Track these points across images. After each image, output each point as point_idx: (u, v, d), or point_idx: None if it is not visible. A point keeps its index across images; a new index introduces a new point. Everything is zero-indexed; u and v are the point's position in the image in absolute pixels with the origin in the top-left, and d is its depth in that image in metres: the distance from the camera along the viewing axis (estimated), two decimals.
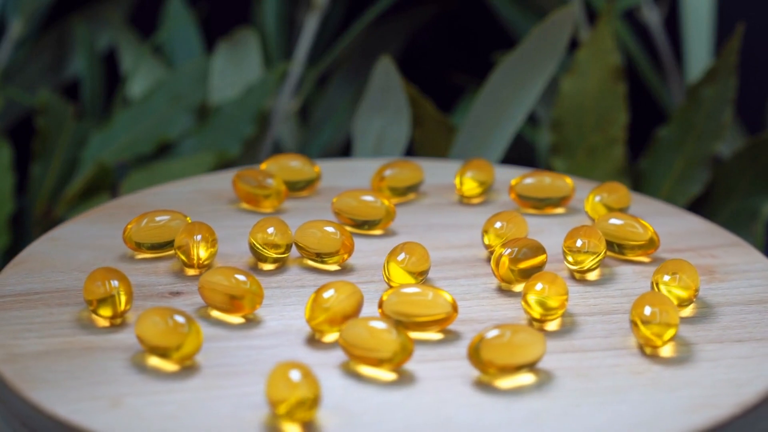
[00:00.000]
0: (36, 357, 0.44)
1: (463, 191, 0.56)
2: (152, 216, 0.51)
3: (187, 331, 0.43)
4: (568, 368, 0.43)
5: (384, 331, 0.43)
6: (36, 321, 0.46)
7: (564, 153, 0.72)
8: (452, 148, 0.70)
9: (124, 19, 0.83)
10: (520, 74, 0.69)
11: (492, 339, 0.42)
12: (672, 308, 0.44)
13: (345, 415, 0.41)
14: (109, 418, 0.41)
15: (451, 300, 0.45)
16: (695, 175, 0.71)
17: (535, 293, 0.46)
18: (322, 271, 0.50)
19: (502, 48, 0.80)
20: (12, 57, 0.80)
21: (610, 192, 0.54)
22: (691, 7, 0.77)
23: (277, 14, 0.80)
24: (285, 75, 0.78)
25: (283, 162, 0.56)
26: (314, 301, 0.45)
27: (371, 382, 0.42)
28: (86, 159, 0.74)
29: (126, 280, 0.46)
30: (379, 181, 0.56)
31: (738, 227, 0.71)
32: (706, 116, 0.71)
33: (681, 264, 0.47)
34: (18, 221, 0.76)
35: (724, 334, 0.45)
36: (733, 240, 0.52)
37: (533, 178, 0.55)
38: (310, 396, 0.40)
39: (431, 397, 0.42)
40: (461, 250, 0.51)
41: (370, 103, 0.72)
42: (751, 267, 0.50)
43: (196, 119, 0.76)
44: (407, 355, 0.43)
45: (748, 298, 0.48)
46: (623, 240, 0.51)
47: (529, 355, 0.43)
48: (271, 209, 0.55)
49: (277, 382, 0.40)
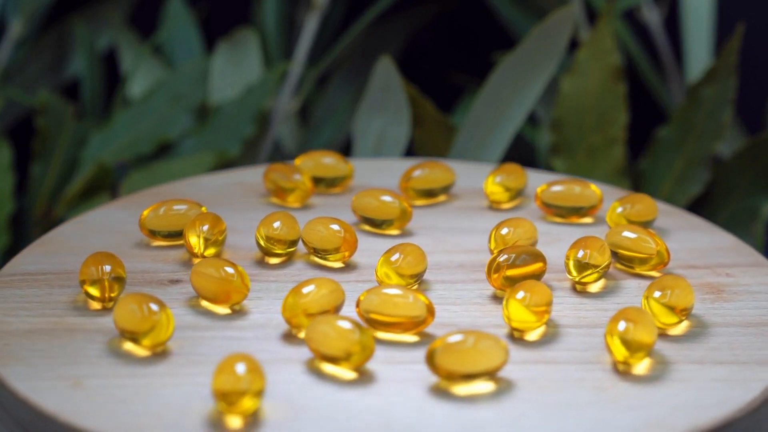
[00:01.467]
0: (21, 335, 0.45)
1: (489, 196, 0.56)
2: (170, 204, 0.52)
3: (158, 318, 0.44)
4: (531, 379, 0.43)
5: (348, 330, 0.43)
6: (34, 300, 0.48)
7: (564, 153, 0.72)
8: (452, 148, 0.70)
9: (124, 19, 0.83)
10: (520, 74, 0.69)
11: (450, 345, 0.42)
12: (649, 326, 0.43)
13: (289, 411, 0.41)
14: (63, 399, 0.42)
15: (428, 303, 0.45)
16: (695, 175, 0.71)
17: (515, 301, 0.45)
18: (326, 267, 0.51)
19: (502, 48, 0.80)
20: (12, 57, 0.80)
21: (633, 203, 0.53)
22: (691, 7, 0.77)
23: (277, 14, 0.80)
24: (285, 75, 0.78)
25: (316, 158, 0.57)
26: (292, 296, 0.45)
27: (330, 380, 0.43)
28: (86, 159, 0.74)
29: (119, 267, 0.47)
30: (405, 181, 0.56)
31: (738, 227, 0.71)
32: (706, 116, 0.71)
33: (676, 281, 0.46)
34: (18, 221, 0.76)
35: (707, 355, 0.44)
36: (757, 260, 0.51)
37: (562, 186, 0.54)
38: (253, 389, 0.40)
39: (382, 399, 0.42)
40: (470, 255, 0.51)
41: (370, 103, 0.72)
42: (764, 288, 0.49)
43: (196, 119, 0.76)
44: (367, 356, 0.43)
45: (748, 320, 0.47)
46: (632, 253, 0.50)
47: (486, 364, 0.42)
48: (297, 204, 0.56)
49: (222, 373, 0.41)
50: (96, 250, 0.50)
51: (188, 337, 0.45)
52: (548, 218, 0.55)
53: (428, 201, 0.56)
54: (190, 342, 0.45)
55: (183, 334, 0.45)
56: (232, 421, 0.41)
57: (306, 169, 0.56)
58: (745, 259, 0.51)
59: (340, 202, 0.56)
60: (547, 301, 0.45)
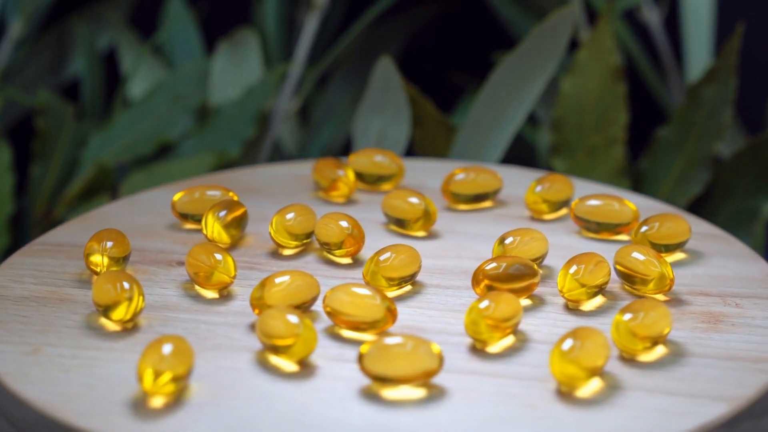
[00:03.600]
0: (14, 299, 0.48)
1: (529, 206, 0.55)
2: (203, 190, 0.53)
3: (128, 296, 0.45)
4: (463, 390, 0.43)
5: (292, 323, 0.43)
6: (45, 269, 0.50)
7: (564, 153, 0.72)
8: (452, 148, 0.70)
9: (124, 19, 0.83)
10: (520, 74, 0.69)
11: (380, 348, 0.42)
12: (597, 348, 0.42)
13: (213, 395, 0.42)
14: (15, 362, 0.44)
15: (389, 306, 0.45)
16: (695, 175, 0.71)
17: (475, 311, 0.45)
18: (331, 262, 0.51)
19: (502, 48, 0.80)
20: (12, 57, 0.80)
21: (663, 222, 0.51)
22: (691, 7, 0.77)
23: (277, 14, 0.80)
24: (285, 75, 0.78)
25: (368, 155, 0.57)
26: (260, 287, 0.46)
27: (271, 371, 0.43)
28: (86, 160, 0.74)
29: (123, 244, 0.49)
30: (446, 185, 0.56)
31: (738, 227, 0.71)
32: (706, 116, 0.71)
33: (655, 307, 0.45)
34: (18, 222, 0.76)
35: (662, 385, 0.43)
36: None
37: (599, 200, 0.53)
38: (174, 371, 0.41)
39: (309, 394, 0.42)
40: (479, 262, 0.50)
41: (370, 103, 0.72)
42: (766, 323, 0.47)
43: (196, 120, 0.76)
44: (308, 349, 0.43)
45: (729, 354, 0.45)
46: (633, 273, 0.48)
47: (414, 369, 0.42)
48: (341, 199, 0.56)
49: (147, 353, 0.42)
50: (130, 228, 0.53)
51: (162, 317, 0.47)
52: (583, 233, 0.54)
53: (471, 206, 0.56)
54: (161, 321, 0.46)
55: (159, 314, 0.47)
56: (154, 400, 0.42)
57: (357, 165, 0.57)
58: (765, 291, 0.49)
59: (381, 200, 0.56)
60: (510, 316, 0.44)
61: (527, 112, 0.69)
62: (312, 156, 0.78)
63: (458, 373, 0.43)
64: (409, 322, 0.47)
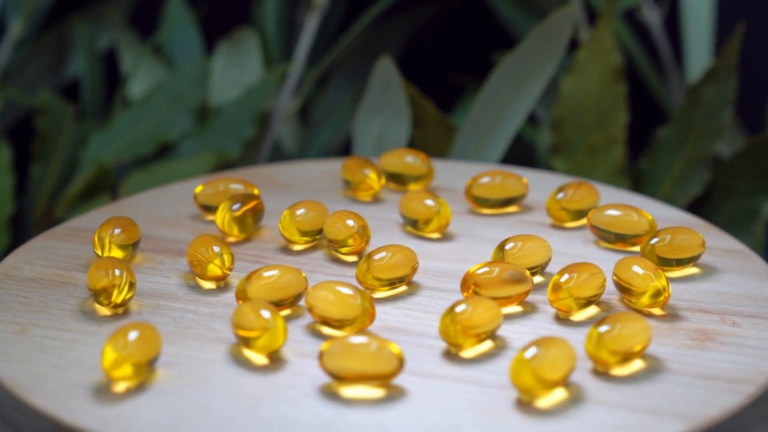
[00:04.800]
0: (21, 280, 0.49)
1: (549, 213, 0.54)
2: (226, 183, 0.54)
3: (118, 283, 0.46)
4: (421, 392, 0.42)
5: (262, 317, 0.44)
6: (60, 253, 0.51)
7: (564, 153, 0.72)
8: (452, 148, 0.70)
9: (124, 19, 0.83)
10: (520, 74, 0.69)
11: (340, 346, 0.42)
12: (561, 361, 0.42)
13: (176, 385, 0.43)
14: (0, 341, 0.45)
15: (366, 305, 0.45)
16: (695, 175, 0.71)
17: (450, 315, 0.44)
18: (338, 260, 0.51)
19: (502, 48, 0.80)
20: (12, 57, 0.80)
21: (675, 235, 0.50)
22: (691, 7, 0.77)
23: (277, 14, 0.80)
24: (285, 75, 0.78)
25: (399, 155, 0.57)
26: (245, 280, 0.47)
27: (241, 363, 0.44)
28: (86, 160, 0.74)
29: (131, 232, 0.50)
30: (469, 188, 0.55)
31: (738, 227, 0.71)
32: (706, 116, 0.71)
33: (634, 321, 0.44)
34: (18, 222, 0.76)
35: (625, 401, 0.42)
36: None
37: (617, 210, 0.52)
38: (134, 358, 0.42)
39: (268, 388, 0.43)
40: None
41: (370, 103, 0.72)
42: (759, 344, 0.46)
43: (196, 120, 0.76)
44: (274, 343, 0.43)
45: (708, 373, 0.44)
46: (629, 286, 0.47)
47: (370, 370, 0.42)
48: (367, 198, 0.57)
49: (112, 339, 0.43)
50: (153, 217, 0.54)
51: (154, 304, 0.48)
52: (600, 243, 0.53)
53: (495, 210, 0.55)
54: (152, 308, 0.47)
55: (152, 301, 0.48)
56: (117, 385, 0.43)
57: (387, 165, 0.57)
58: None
59: None
60: (483, 322, 0.44)
61: (527, 112, 0.69)
62: (312, 156, 0.78)
63: (423, 376, 0.43)
64: (393, 323, 0.46)
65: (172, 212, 0.55)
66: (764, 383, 0.43)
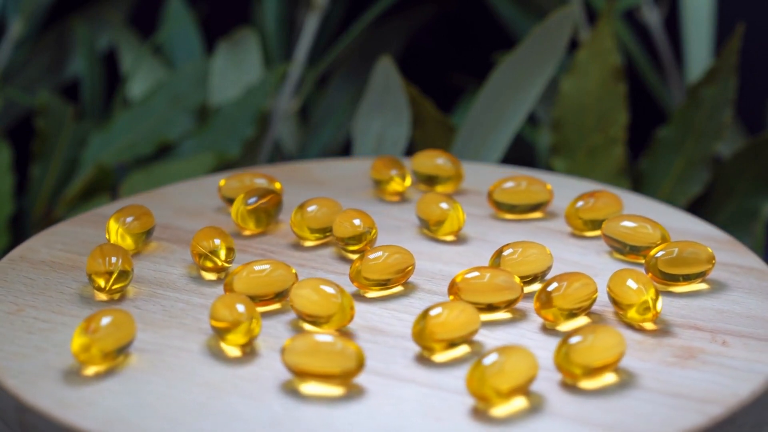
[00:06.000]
0: (34, 263, 0.50)
1: (568, 222, 0.53)
2: (252, 177, 0.55)
3: (113, 269, 0.47)
4: (381, 394, 0.42)
5: (236, 311, 0.44)
6: (79, 238, 0.52)
7: (564, 153, 0.72)
8: (452, 148, 0.70)
9: (124, 19, 0.83)
10: (520, 74, 0.69)
11: (299, 342, 0.42)
12: (516, 369, 0.41)
13: (144, 372, 0.43)
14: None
15: (345, 304, 0.45)
16: (695, 175, 0.71)
17: (425, 319, 0.44)
18: (345, 258, 0.51)
19: (502, 48, 0.80)
20: (12, 57, 0.80)
21: (683, 249, 0.49)
22: (691, 7, 0.77)
23: (277, 14, 0.80)
24: (285, 75, 0.78)
25: (430, 156, 0.57)
26: (240, 270, 0.47)
27: (215, 355, 0.44)
28: (86, 160, 0.74)
29: (144, 220, 0.51)
30: (491, 193, 0.55)
31: (738, 227, 0.71)
32: (706, 116, 0.71)
33: (606, 335, 0.43)
34: (18, 222, 0.76)
35: (586, 414, 0.41)
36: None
37: (633, 222, 0.50)
38: (102, 344, 0.43)
39: (232, 381, 0.43)
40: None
41: (370, 103, 0.72)
42: (742, 365, 0.44)
43: (196, 120, 0.76)
44: (245, 335, 0.44)
45: (678, 391, 0.42)
46: (618, 299, 0.46)
47: (328, 367, 0.42)
48: (395, 198, 0.57)
49: (84, 323, 0.43)
50: (185, 207, 0.55)
51: (151, 292, 0.48)
52: (615, 255, 0.51)
53: (517, 216, 0.55)
54: (147, 296, 0.48)
55: (150, 289, 0.49)
56: (87, 369, 0.43)
57: (416, 166, 0.57)
58: (766, 332, 0.46)
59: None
60: (455, 327, 0.43)
61: (527, 112, 0.69)
62: (312, 156, 0.78)
63: (387, 378, 0.43)
64: (377, 323, 0.46)
65: (199, 204, 0.56)
66: (733, 405, 0.42)
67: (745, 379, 0.43)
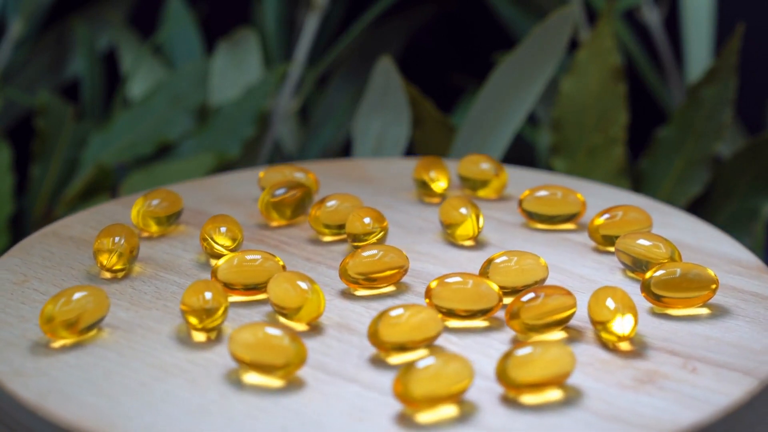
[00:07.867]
0: (60, 238, 0.51)
1: (590, 236, 0.52)
2: (292, 170, 0.56)
3: (115, 249, 0.48)
4: (317, 391, 0.42)
5: (205, 301, 0.44)
6: (115, 218, 0.53)
7: (564, 153, 0.72)
8: (452, 148, 0.70)
9: (124, 19, 0.83)
10: (520, 74, 0.69)
11: (250, 333, 0.42)
12: (448, 379, 0.40)
13: (108, 349, 0.44)
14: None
15: (313, 299, 0.45)
16: (695, 175, 0.71)
17: (382, 318, 0.43)
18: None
19: (502, 48, 0.80)
20: (12, 57, 0.80)
21: (687, 270, 0.46)
22: (691, 7, 0.77)
23: (277, 14, 0.80)
24: (285, 75, 0.78)
25: (474, 160, 0.57)
26: (229, 259, 0.48)
27: (182, 340, 0.45)
28: (86, 160, 0.74)
29: (169, 204, 0.52)
30: (521, 202, 0.54)
31: (738, 227, 0.71)
32: (706, 116, 0.71)
33: (559, 352, 0.41)
34: (18, 222, 0.76)
35: (507, 429, 0.40)
36: (760, 370, 0.44)
37: (646, 240, 0.48)
38: (65, 318, 0.44)
39: (182, 368, 0.43)
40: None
41: (370, 103, 0.72)
42: (702, 394, 0.42)
43: (196, 120, 0.76)
44: (212, 323, 0.44)
45: (616, 415, 0.41)
46: (593, 316, 0.45)
47: (268, 360, 0.42)
48: (434, 199, 0.57)
49: (56, 296, 0.44)
50: (228, 196, 0.56)
51: (153, 273, 0.49)
52: (627, 273, 0.50)
53: (547, 225, 0.54)
54: (148, 276, 0.49)
55: (154, 270, 0.49)
56: (57, 342, 0.44)
57: (459, 169, 0.57)
58: (747, 363, 0.44)
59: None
60: (411, 329, 0.43)
61: (527, 112, 0.69)
62: (312, 157, 0.78)
63: (332, 375, 0.43)
64: (350, 321, 0.46)
65: (242, 193, 0.56)
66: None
67: (694, 408, 0.41)
